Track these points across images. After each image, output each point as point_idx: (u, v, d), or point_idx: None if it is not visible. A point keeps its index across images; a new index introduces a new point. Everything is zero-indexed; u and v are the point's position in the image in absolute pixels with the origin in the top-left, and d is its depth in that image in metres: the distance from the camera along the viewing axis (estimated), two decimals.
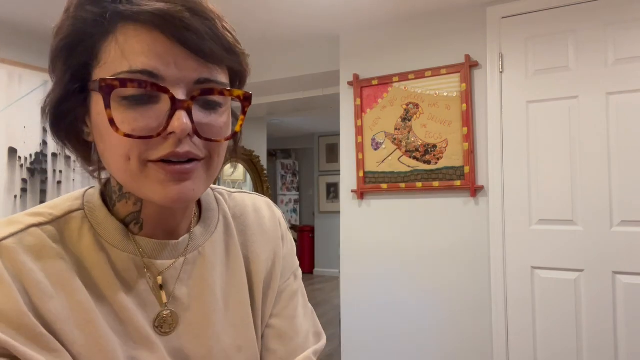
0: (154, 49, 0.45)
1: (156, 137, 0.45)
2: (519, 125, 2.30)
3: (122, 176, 0.48)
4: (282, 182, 7.95)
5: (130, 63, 0.45)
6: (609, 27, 2.13)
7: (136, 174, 0.47)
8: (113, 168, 0.49)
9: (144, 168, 0.47)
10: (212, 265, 0.59)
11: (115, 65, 0.45)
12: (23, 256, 0.47)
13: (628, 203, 2.06)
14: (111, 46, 0.46)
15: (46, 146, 2.74)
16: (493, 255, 2.33)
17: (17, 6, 2.39)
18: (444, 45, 2.49)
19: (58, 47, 0.48)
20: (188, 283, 0.56)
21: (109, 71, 0.46)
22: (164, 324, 0.54)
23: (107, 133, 0.46)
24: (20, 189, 2.62)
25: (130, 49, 0.45)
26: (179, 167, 0.47)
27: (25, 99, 2.65)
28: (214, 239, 0.61)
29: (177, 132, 0.45)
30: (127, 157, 0.46)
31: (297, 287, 0.69)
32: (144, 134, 0.45)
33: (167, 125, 0.45)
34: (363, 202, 2.69)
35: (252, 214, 0.67)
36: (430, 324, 2.47)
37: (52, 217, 0.52)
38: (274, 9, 2.46)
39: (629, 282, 2.05)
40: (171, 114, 0.45)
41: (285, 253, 0.68)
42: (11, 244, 0.47)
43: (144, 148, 0.46)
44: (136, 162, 0.46)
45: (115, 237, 0.53)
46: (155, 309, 0.53)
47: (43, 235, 0.49)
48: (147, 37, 0.45)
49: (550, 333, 2.20)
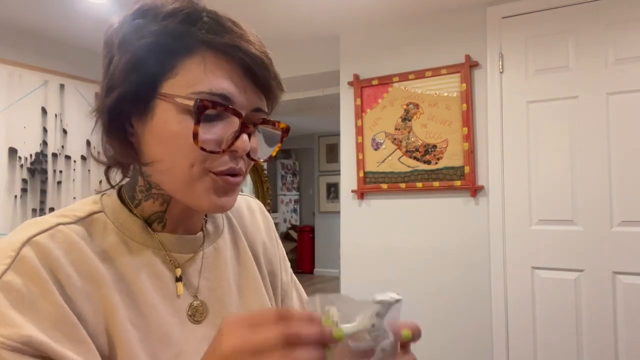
0: (231, 76, 0.52)
1: (222, 153, 0.53)
2: (519, 125, 2.29)
3: (176, 179, 0.54)
4: (282, 182, 7.95)
5: (211, 85, 0.51)
6: (609, 27, 2.13)
7: (194, 180, 0.53)
8: (170, 171, 0.54)
9: (204, 176, 0.53)
10: (225, 258, 0.65)
11: (195, 84, 0.51)
12: (56, 251, 0.50)
13: (628, 203, 2.06)
14: (192, 65, 0.52)
15: (46, 146, 2.74)
16: (493, 255, 2.33)
17: (17, 6, 2.39)
18: (444, 45, 2.49)
19: (136, 55, 0.52)
20: (208, 276, 0.62)
21: (183, 86, 0.51)
22: (196, 313, 0.59)
23: (175, 140, 0.52)
24: (20, 189, 2.62)
25: (211, 72, 0.52)
26: (233, 180, 0.55)
27: (25, 99, 2.65)
28: (224, 235, 0.67)
29: (240, 151, 0.53)
30: (191, 164, 0.52)
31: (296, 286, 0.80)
32: (214, 149, 0.52)
33: (232, 143, 0.52)
34: (363, 202, 2.69)
35: (247, 214, 0.74)
36: (431, 324, 2.47)
37: (77, 217, 0.55)
38: (274, 9, 2.46)
39: (629, 282, 2.05)
40: (237, 135, 0.53)
41: (281, 254, 0.77)
42: (43, 239, 0.50)
43: (207, 159, 0.53)
44: (198, 170, 0.53)
45: (139, 234, 0.57)
46: (185, 301, 0.58)
47: (71, 233, 0.53)
48: (227, 66, 0.52)
49: (550, 333, 2.20)
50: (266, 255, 0.73)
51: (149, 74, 0.52)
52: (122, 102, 0.53)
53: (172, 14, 0.52)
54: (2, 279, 0.46)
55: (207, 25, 0.52)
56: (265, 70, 0.54)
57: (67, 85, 2.85)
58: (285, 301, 0.75)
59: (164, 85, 0.52)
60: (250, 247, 0.71)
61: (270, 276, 0.73)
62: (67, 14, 2.49)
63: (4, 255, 0.48)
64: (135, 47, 0.52)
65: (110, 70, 0.54)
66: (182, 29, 0.52)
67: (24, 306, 0.46)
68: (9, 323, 0.44)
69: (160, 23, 0.52)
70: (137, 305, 0.54)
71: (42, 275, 0.48)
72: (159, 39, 0.52)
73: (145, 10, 0.53)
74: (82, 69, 2.97)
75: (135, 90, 0.52)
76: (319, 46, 2.99)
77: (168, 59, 0.52)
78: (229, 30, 0.53)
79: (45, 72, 2.75)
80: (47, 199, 2.74)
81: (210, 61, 0.52)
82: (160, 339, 0.55)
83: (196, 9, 0.53)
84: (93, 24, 2.61)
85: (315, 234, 7.61)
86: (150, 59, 0.52)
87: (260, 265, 0.71)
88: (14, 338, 0.44)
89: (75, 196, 2.88)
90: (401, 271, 2.56)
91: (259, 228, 0.74)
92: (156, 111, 0.53)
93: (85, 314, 0.50)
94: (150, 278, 0.56)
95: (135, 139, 0.56)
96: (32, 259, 0.48)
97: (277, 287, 0.74)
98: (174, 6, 0.53)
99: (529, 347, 2.24)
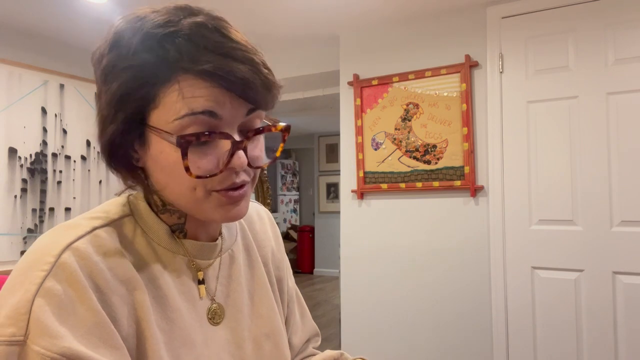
0: (211, 93, 0.51)
1: (220, 173, 0.53)
2: (519, 125, 2.30)
3: (184, 202, 0.55)
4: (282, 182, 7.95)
5: (191, 106, 0.50)
6: (609, 27, 2.13)
7: (201, 201, 0.54)
8: (176, 195, 0.55)
9: (208, 196, 0.54)
10: (238, 264, 0.67)
11: (177, 108, 0.50)
12: (94, 257, 0.51)
13: (628, 203, 2.06)
14: (172, 92, 0.51)
15: (46, 146, 2.74)
16: (493, 255, 2.33)
17: (17, 6, 2.39)
18: (444, 45, 2.49)
19: (116, 93, 0.51)
20: (223, 281, 0.64)
21: (168, 113, 0.51)
22: (215, 316, 0.61)
23: (173, 169, 0.52)
24: (20, 189, 2.62)
25: (190, 94, 0.50)
26: (237, 194, 0.55)
27: (25, 99, 2.65)
28: (237, 241, 0.70)
29: (237, 168, 0.53)
30: (193, 188, 0.53)
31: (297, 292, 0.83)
32: (211, 172, 0.52)
33: (228, 162, 0.53)
34: (363, 202, 2.69)
35: (257, 220, 0.76)
36: (430, 324, 2.47)
37: (109, 220, 0.56)
38: (274, 9, 2.46)
39: (629, 282, 2.05)
40: (232, 152, 0.52)
41: (286, 261, 0.79)
42: (83, 245, 0.51)
43: (208, 181, 0.53)
44: (201, 192, 0.54)
45: (165, 240, 0.59)
46: (205, 304, 0.61)
47: (107, 236, 0.54)
48: (203, 84, 0.51)
49: (550, 333, 2.20)
50: (274, 261, 0.76)
51: (134, 108, 0.51)
52: (118, 137, 0.53)
53: (146, 41, 0.50)
54: (43, 286, 0.47)
55: (184, 49, 0.50)
56: (249, 90, 0.51)
57: (67, 85, 2.85)
58: (290, 306, 0.78)
59: (151, 115, 0.52)
60: (260, 253, 0.73)
61: (278, 282, 0.75)
62: (67, 14, 2.49)
63: (42, 261, 0.48)
64: (116, 85, 0.51)
65: (99, 106, 0.54)
66: (156, 58, 0.50)
67: (63, 314, 0.46)
68: (48, 333, 0.45)
69: (134, 56, 0.50)
70: (164, 309, 0.56)
71: (81, 281, 0.48)
72: (136, 74, 0.50)
73: (119, 37, 0.52)
74: (82, 69, 2.97)
75: (126, 126, 0.52)
76: (318, 46, 2.99)
77: (149, 90, 0.51)
78: (206, 47, 0.50)
79: (45, 72, 2.75)
80: (47, 199, 2.74)
81: (187, 84, 0.50)
82: (183, 341, 0.56)
83: (173, 24, 0.50)
84: (93, 24, 2.61)
85: (315, 234, 7.61)
86: (132, 94, 0.51)
87: (269, 271, 0.73)
88: (53, 350, 0.44)
89: (75, 196, 2.88)
90: (401, 271, 2.56)
91: (268, 235, 0.77)
92: (151, 141, 0.53)
93: (119, 317, 0.51)
94: (176, 282, 0.58)
95: (142, 163, 0.56)
96: (72, 265, 0.49)
97: (284, 293, 0.76)
98: (148, 31, 0.50)
99: (528, 347, 2.24)
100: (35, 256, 0.49)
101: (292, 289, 0.79)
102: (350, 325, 2.70)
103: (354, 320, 2.68)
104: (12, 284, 0.48)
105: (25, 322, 0.45)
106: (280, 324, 0.70)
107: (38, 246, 0.51)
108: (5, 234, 2.56)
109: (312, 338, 0.81)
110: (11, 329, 0.44)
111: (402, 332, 2.54)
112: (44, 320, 0.45)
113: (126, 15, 0.54)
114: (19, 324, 0.45)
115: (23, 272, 0.48)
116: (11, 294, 0.47)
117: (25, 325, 0.45)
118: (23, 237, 2.63)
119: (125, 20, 0.53)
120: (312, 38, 2.90)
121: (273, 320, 0.69)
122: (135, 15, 0.53)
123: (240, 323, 0.64)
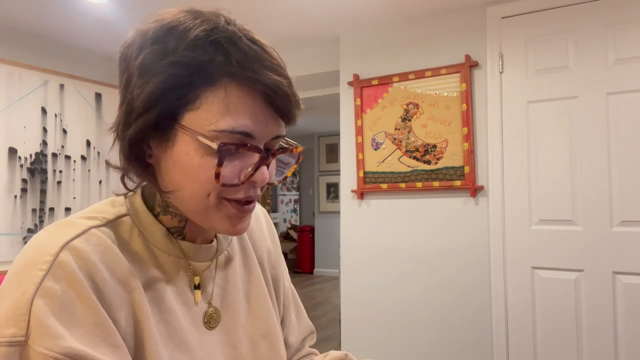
0: (253, 111, 0.51)
1: (240, 185, 0.53)
2: (519, 125, 2.30)
3: (194, 207, 0.54)
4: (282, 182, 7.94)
5: (233, 124, 0.50)
6: (609, 27, 2.13)
7: (211, 208, 0.54)
8: (187, 198, 0.54)
9: (220, 204, 0.54)
10: (234, 266, 0.67)
11: (217, 121, 0.50)
12: (93, 256, 0.50)
13: (628, 203, 2.06)
14: (213, 97, 0.50)
15: (46, 146, 2.74)
16: (493, 255, 2.33)
17: (17, 6, 2.39)
18: (444, 45, 2.49)
19: (155, 88, 0.50)
20: (219, 283, 0.64)
21: (205, 121, 0.50)
22: (211, 320, 0.61)
23: (195, 172, 0.52)
24: (20, 189, 2.62)
25: (233, 108, 0.50)
26: (247, 208, 0.56)
27: (25, 99, 2.65)
28: (233, 242, 0.69)
29: (259, 183, 0.53)
30: (207, 194, 0.53)
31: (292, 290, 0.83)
32: (232, 182, 0.53)
33: (252, 175, 0.53)
34: (363, 202, 2.69)
35: (253, 220, 0.76)
36: (430, 324, 2.47)
37: (106, 220, 0.55)
38: (274, 10, 2.46)
39: (629, 282, 2.05)
40: (257, 166, 0.53)
41: (282, 261, 0.79)
42: (80, 244, 0.50)
43: (224, 189, 0.53)
44: (214, 199, 0.53)
45: (162, 241, 0.58)
46: (201, 308, 0.60)
47: (104, 237, 0.53)
48: (249, 100, 0.51)
49: (550, 333, 2.20)
50: (270, 261, 0.75)
51: (171, 105, 0.51)
52: (143, 131, 0.52)
53: (194, 42, 0.50)
54: (42, 286, 0.46)
55: (231, 53, 0.50)
56: (286, 100, 0.53)
57: (67, 85, 2.85)
58: (286, 305, 0.78)
59: (185, 116, 0.51)
60: (257, 253, 0.73)
61: (274, 281, 0.75)
62: (67, 14, 2.49)
63: (40, 260, 0.48)
64: (158, 80, 0.50)
65: (129, 96, 0.52)
66: (204, 58, 0.50)
67: (63, 314, 0.46)
68: (50, 334, 0.45)
69: (182, 53, 0.50)
70: (161, 312, 0.55)
71: (80, 280, 0.48)
72: (182, 71, 0.50)
73: (165, 33, 0.51)
74: (82, 69, 2.97)
75: (157, 121, 0.51)
76: (318, 46, 2.99)
77: (191, 90, 0.50)
78: (252, 57, 0.51)
79: (45, 72, 2.75)
80: (47, 199, 2.74)
81: (233, 95, 0.50)
82: (179, 345, 0.56)
83: (220, 30, 0.51)
84: (93, 24, 2.61)
85: (315, 234, 7.61)
86: (173, 91, 0.50)
87: (265, 271, 0.73)
88: (55, 350, 0.44)
89: (75, 196, 2.88)
90: (401, 271, 2.56)
91: (264, 234, 0.76)
92: (177, 141, 0.52)
93: (119, 318, 0.51)
94: (171, 285, 0.58)
95: (153, 160, 0.55)
96: (71, 264, 0.48)
97: (280, 292, 0.76)
98: (196, 33, 0.50)
99: (529, 347, 2.24)
100: (33, 255, 0.49)
101: (288, 288, 0.79)
102: (350, 325, 2.70)
103: (354, 320, 2.68)
104: (9, 284, 0.48)
105: (25, 322, 0.45)
106: (276, 324, 0.70)
107: (35, 245, 0.50)
108: (5, 234, 2.56)
109: (308, 336, 0.82)
110: (12, 330, 0.44)
111: (402, 331, 2.54)
112: (44, 320, 0.45)
113: (162, 12, 0.53)
114: (19, 325, 0.44)
115: (20, 272, 0.48)
116: (9, 294, 0.46)
117: (25, 326, 0.44)
118: (23, 237, 2.63)
119: (166, 17, 0.52)
120: (312, 38, 2.90)
121: (269, 320, 0.69)
122: (173, 14, 0.52)
123: (236, 324, 0.64)
